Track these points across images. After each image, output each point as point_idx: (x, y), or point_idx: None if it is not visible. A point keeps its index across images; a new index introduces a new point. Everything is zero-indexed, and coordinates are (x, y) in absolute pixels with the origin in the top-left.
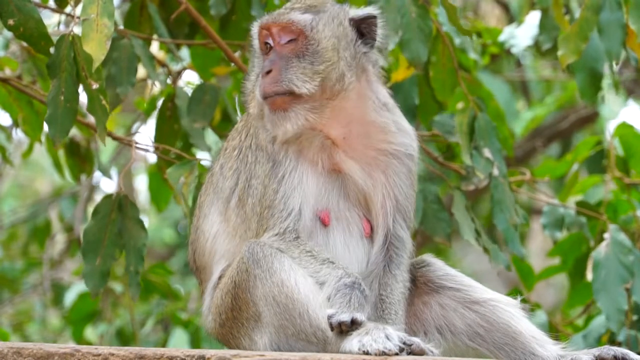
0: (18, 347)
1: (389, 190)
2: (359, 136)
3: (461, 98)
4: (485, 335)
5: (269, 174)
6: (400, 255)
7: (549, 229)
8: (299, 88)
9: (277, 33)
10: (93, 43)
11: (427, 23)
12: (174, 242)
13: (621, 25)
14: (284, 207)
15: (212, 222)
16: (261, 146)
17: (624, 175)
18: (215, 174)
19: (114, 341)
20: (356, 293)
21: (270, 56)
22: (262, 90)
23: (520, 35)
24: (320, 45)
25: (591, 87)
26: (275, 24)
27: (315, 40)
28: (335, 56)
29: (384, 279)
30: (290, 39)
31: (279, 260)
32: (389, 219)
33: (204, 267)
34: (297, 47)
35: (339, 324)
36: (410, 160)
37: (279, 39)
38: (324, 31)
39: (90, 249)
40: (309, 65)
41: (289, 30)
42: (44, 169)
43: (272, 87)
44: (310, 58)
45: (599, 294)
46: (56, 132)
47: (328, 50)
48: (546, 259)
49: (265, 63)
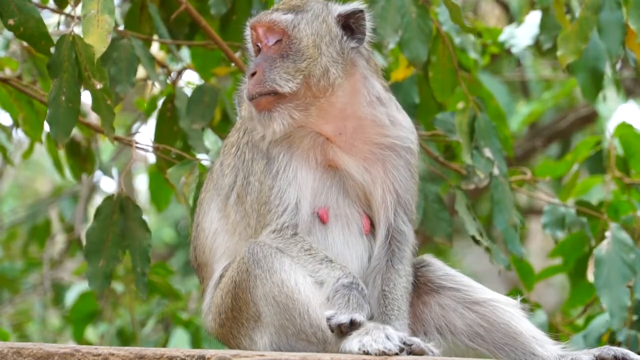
0: (18, 347)
1: (388, 184)
2: (355, 131)
3: (461, 98)
4: (485, 335)
5: (264, 171)
6: (402, 250)
7: (550, 229)
8: (281, 87)
9: (264, 34)
10: (94, 37)
11: (427, 23)
12: (174, 242)
13: (621, 25)
14: (279, 202)
15: (211, 219)
16: (256, 144)
17: (624, 175)
18: (215, 170)
19: (114, 341)
20: (354, 293)
21: (258, 58)
22: (248, 92)
23: (520, 35)
24: (301, 43)
25: (593, 86)
26: (260, 24)
27: (297, 39)
28: (317, 52)
29: (387, 274)
30: (276, 40)
31: (279, 260)
32: (390, 213)
33: (205, 264)
34: (281, 48)
35: (338, 325)
36: (408, 152)
37: (266, 40)
38: (305, 29)
39: (93, 251)
40: (292, 64)
41: (273, 31)
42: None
43: (256, 89)
44: (293, 57)
45: (602, 291)
46: (58, 132)
47: (309, 47)
48: (546, 259)
49: (251, 65)
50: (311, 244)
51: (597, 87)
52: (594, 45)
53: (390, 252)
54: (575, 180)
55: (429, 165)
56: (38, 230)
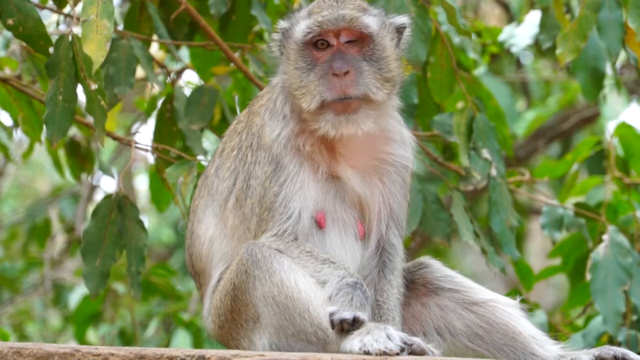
0: (18, 347)
1: (385, 198)
2: (364, 144)
3: (461, 98)
4: (485, 336)
5: (270, 177)
6: (393, 262)
7: (548, 230)
8: (374, 95)
9: (346, 33)
10: (93, 44)
11: (427, 23)
12: (173, 242)
13: (620, 24)
14: (284, 210)
15: (207, 225)
16: (265, 146)
17: (624, 176)
18: (210, 176)
19: (115, 342)
20: (358, 293)
21: (335, 55)
22: (340, 90)
23: (519, 34)
24: (385, 52)
25: (593, 86)
26: (350, 25)
27: (382, 46)
28: (397, 65)
29: (380, 284)
30: (351, 40)
31: (278, 260)
32: (382, 226)
33: (202, 271)
34: (364, 51)
35: (341, 321)
36: (406, 171)
37: (341, 38)
38: (385, 38)
39: (90, 250)
40: (378, 72)
41: (355, 33)
42: (44, 168)
43: (352, 90)
44: (377, 64)
45: (597, 295)
46: (54, 132)
47: (392, 59)
48: (546, 259)
49: (338, 63)
50: (312, 247)
51: (597, 87)
52: (594, 45)
53: (382, 263)
54: (575, 180)
55: (428, 165)
56: (38, 230)
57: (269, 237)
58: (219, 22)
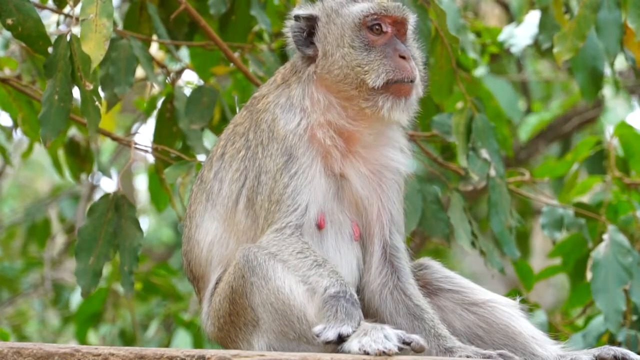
0: (18, 347)
1: (384, 202)
2: (375, 146)
3: (461, 98)
4: (485, 336)
5: (281, 168)
6: (404, 266)
7: (548, 230)
8: (419, 83)
9: (399, 24)
10: (91, 43)
11: (426, 23)
12: (173, 242)
13: (619, 25)
14: (291, 202)
15: (206, 230)
16: (278, 138)
17: (624, 176)
18: (207, 181)
19: (116, 342)
20: (342, 303)
21: (393, 40)
22: (409, 72)
23: (519, 34)
24: (417, 52)
25: (592, 86)
26: (403, 15)
27: (415, 45)
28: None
29: (407, 290)
30: (399, 31)
31: (272, 266)
32: (386, 230)
33: (201, 276)
34: (405, 45)
35: (326, 343)
36: (402, 178)
37: (396, 27)
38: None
39: (84, 248)
40: (416, 63)
41: (406, 26)
42: (44, 169)
43: (415, 74)
44: (415, 58)
45: (598, 294)
46: (47, 131)
47: (419, 54)
48: (546, 259)
49: (401, 47)
50: (304, 245)
51: (596, 87)
52: (592, 45)
53: (394, 269)
54: (575, 180)
55: (428, 166)
56: (37, 230)
57: (270, 232)
58: (218, 22)
